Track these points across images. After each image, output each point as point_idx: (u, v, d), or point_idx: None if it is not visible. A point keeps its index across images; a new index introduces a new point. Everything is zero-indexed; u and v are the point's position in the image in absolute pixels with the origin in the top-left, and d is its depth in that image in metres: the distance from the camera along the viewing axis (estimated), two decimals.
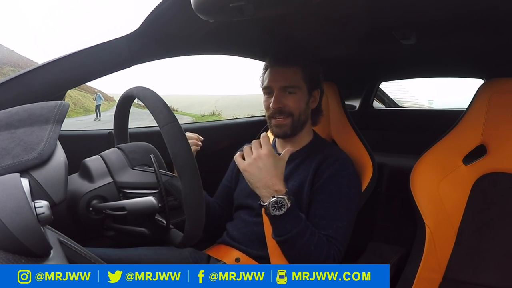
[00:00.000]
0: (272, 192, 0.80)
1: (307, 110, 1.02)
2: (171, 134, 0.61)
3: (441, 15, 0.88)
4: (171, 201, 0.70)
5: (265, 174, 0.81)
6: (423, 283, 0.93)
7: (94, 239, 1.00)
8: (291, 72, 0.98)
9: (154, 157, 0.72)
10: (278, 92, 0.98)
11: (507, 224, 0.93)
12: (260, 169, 0.81)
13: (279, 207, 0.79)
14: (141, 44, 0.92)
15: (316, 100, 1.04)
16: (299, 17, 0.93)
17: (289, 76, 0.98)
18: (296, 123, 0.99)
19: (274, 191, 0.80)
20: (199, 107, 38.90)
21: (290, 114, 0.98)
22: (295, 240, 0.81)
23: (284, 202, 0.79)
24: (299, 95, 0.98)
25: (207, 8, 0.65)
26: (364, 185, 1.02)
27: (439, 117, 1.82)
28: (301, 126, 1.01)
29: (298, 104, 0.98)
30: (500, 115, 0.96)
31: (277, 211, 0.79)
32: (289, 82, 0.98)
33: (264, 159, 0.81)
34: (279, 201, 0.79)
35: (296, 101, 0.98)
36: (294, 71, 0.98)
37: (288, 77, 0.98)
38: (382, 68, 1.82)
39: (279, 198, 0.79)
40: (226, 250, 0.99)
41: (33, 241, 0.32)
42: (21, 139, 0.48)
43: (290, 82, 0.98)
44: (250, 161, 0.82)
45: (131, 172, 0.70)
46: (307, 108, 1.02)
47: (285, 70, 0.98)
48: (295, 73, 0.98)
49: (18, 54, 38.90)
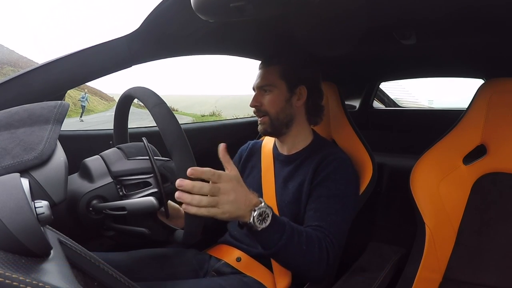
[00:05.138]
0: (251, 208, 0.71)
1: (288, 108, 0.99)
2: (160, 113, 0.62)
3: (441, 15, 0.88)
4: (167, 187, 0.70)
5: (240, 200, 0.69)
6: (423, 283, 0.93)
7: (94, 239, 1.01)
8: (268, 71, 1.01)
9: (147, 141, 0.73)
10: (257, 91, 1.02)
11: (507, 224, 0.93)
12: (233, 201, 0.67)
13: (263, 218, 0.72)
14: (141, 44, 0.92)
15: (302, 98, 1.00)
16: (299, 17, 0.93)
17: (266, 75, 1.00)
18: (275, 121, 0.99)
19: (252, 206, 0.71)
20: (199, 107, 38.91)
21: (266, 112, 0.99)
22: (286, 247, 0.75)
23: (266, 211, 0.72)
24: (274, 93, 0.99)
25: (207, 8, 0.65)
26: (364, 185, 1.02)
27: (439, 117, 1.82)
28: (285, 125, 1.00)
29: (274, 102, 0.99)
30: (500, 115, 0.96)
31: (263, 223, 0.72)
32: (265, 81, 1.00)
33: (230, 188, 0.67)
34: (261, 212, 0.72)
35: (271, 99, 0.99)
36: (271, 70, 1.00)
37: (265, 76, 1.00)
38: (382, 68, 1.82)
39: (260, 209, 0.71)
40: (227, 249, 0.99)
41: (33, 241, 0.32)
42: (21, 139, 0.48)
43: (266, 81, 1.00)
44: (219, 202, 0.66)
45: (126, 162, 0.71)
46: (289, 106, 0.99)
47: (265, 70, 1.01)
48: (272, 72, 1.00)
49: (18, 54, 38.90)
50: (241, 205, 0.69)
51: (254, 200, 0.72)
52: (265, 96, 1.00)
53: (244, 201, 0.70)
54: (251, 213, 0.71)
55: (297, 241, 0.76)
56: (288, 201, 0.95)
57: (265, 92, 1.00)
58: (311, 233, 0.81)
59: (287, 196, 0.96)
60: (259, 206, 0.71)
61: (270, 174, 1.04)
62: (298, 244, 0.76)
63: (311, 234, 0.81)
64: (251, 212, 0.71)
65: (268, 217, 0.73)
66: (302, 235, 0.78)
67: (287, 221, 0.78)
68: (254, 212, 0.71)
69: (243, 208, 0.69)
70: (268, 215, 0.73)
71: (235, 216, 0.70)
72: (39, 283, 0.27)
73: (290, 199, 0.94)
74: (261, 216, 0.72)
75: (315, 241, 0.80)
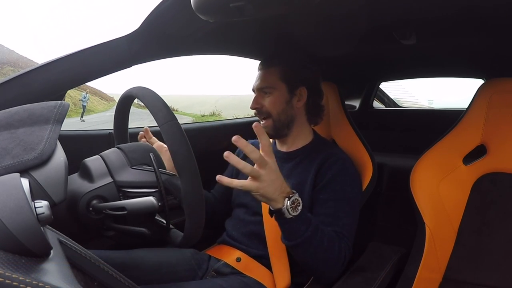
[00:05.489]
0: (285, 195, 0.75)
1: (288, 109, 0.99)
2: (170, 132, 0.61)
3: (441, 15, 0.88)
4: (170, 200, 0.70)
5: (279, 182, 0.74)
6: (423, 283, 0.93)
7: (94, 239, 1.01)
8: (268, 72, 1.00)
9: (154, 156, 0.72)
10: (257, 93, 1.01)
11: (507, 224, 0.93)
12: (273, 180, 0.73)
13: (295, 206, 0.76)
14: (141, 44, 0.92)
15: (302, 99, 1.01)
16: (299, 17, 0.93)
17: (266, 77, 1.00)
18: (277, 123, 0.99)
19: (286, 194, 0.75)
20: (199, 107, 38.93)
21: (268, 115, 0.99)
22: (310, 239, 0.78)
23: (298, 200, 0.76)
24: (275, 95, 0.98)
25: (207, 8, 0.65)
26: (364, 185, 1.02)
27: (439, 117, 1.82)
28: (286, 126, 1.00)
29: (274, 104, 0.98)
30: (500, 115, 0.96)
31: (294, 211, 0.75)
32: (265, 83, 0.99)
33: (273, 168, 0.73)
34: (294, 199, 0.75)
35: (271, 101, 0.98)
36: (271, 72, 1.00)
37: (265, 78, 1.00)
38: (382, 68, 1.82)
39: (294, 197, 0.75)
40: (226, 250, 0.99)
41: (33, 241, 0.32)
42: (21, 139, 0.48)
43: (266, 83, 0.99)
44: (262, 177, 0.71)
45: (130, 171, 0.69)
46: (289, 107, 0.99)
47: (265, 71, 1.01)
48: (272, 74, 0.99)
49: (18, 54, 38.92)
50: (277, 190, 0.73)
51: (288, 189, 0.76)
52: (266, 98, 0.99)
53: (280, 187, 0.74)
54: (285, 200, 0.75)
55: (320, 237, 0.80)
56: None
57: (265, 94, 1.00)
58: (331, 233, 0.84)
59: None
60: (293, 194, 0.76)
61: None
62: (320, 239, 0.80)
63: (332, 233, 0.84)
64: (285, 199, 0.75)
65: (299, 206, 0.77)
66: (324, 232, 0.81)
67: (312, 216, 0.82)
68: (287, 200, 0.75)
69: (278, 193, 0.74)
70: (299, 204, 0.76)
71: (272, 199, 0.74)
72: (39, 283, 0.27)
73: None
74: (293, 203, 0.75)
75: (336, 240, 0.83)
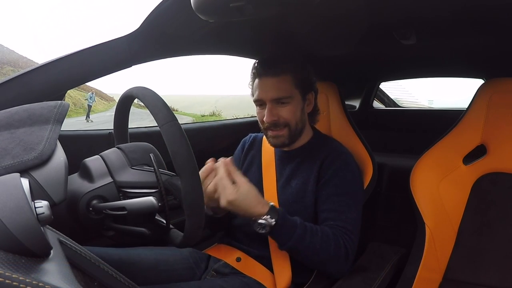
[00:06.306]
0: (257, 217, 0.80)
1: (303, 116, 0.98)
2: (170, 133, 0.61)
3: (441, 15, 0.88)
4: (171, 200, 0.70)
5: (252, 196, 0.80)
6: (423, 283, 0.93)
7: (94, 239, 1.01)
8: (281, 81, 0.92)
9: (154, 156, 0.72)
10: (270, 105, 0.93)
11: (507, 224, 0.93)
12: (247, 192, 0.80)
13: (262, 227, 0.81)
14: (141, 44, 0.92)
15: (311, 103, 1.01)
16: (299, 17, 0.93)
17: (279, 86, 0.92)
18: (294, 132, 0.97)
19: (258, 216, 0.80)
20: (199, 107, 38.92)
21: (286, 124, 0.95)
22: (296, 246, 0.82)
23: (267, 223, 0.80)
24: (293, 104, 0.94)
25: (207, 8, 0.65)
26: (364, 185, 1.02)
27: (439, 117, 1.82)
28: (299, 133, 0.99)
29: (293, 114, 0.94)
30: (500, 115, 0.96)
31: (263, 230, 0.81)
32: (281, 93, 0.92)
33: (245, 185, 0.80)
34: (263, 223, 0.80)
35: (290, 111, 0.93)
36: (284, 80, 0.92)
37: (279, 88, 0.92)
38: (382, 68, 1.82)
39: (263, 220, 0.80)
40: (226, 250, 0.99)
41: (33, 241, 0.32)
42: (21, 139, 0.48)
43: (282, 93, 0.92)
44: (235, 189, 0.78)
45: (130, 172, 0.70)
46: (303, 114, 0.98)
47: (275, 79, 0.92)
48: (285, 82, 0.93)
49: (18, 54, 38.91)
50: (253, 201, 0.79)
51: (263, 210, 0.80)
52: (282, 108, 0.93)
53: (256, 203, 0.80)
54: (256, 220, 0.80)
55: (310, 241, 0.82)
56: (293, 201, 0.95)
57: (282, 104, 0.93)
58: (327, 232, 0.85)
59: (290, 195, 0.96)
60: (263, 217, 0.80)
61: (271, 172, 1.03)
62: (310, 244, 0.82)
63: (328, 233, 0.84)
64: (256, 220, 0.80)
65: (267, 227, 0.80)
66: (317, 235, 0.83)
67: (300, 223, 0.83)
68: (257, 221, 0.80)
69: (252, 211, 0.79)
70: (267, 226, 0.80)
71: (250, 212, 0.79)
72: (39, 283, 0.27)
73: (294, 198, 0.95)
74: (260, 225, 0.80)
75: (331, 239, 0.84)
